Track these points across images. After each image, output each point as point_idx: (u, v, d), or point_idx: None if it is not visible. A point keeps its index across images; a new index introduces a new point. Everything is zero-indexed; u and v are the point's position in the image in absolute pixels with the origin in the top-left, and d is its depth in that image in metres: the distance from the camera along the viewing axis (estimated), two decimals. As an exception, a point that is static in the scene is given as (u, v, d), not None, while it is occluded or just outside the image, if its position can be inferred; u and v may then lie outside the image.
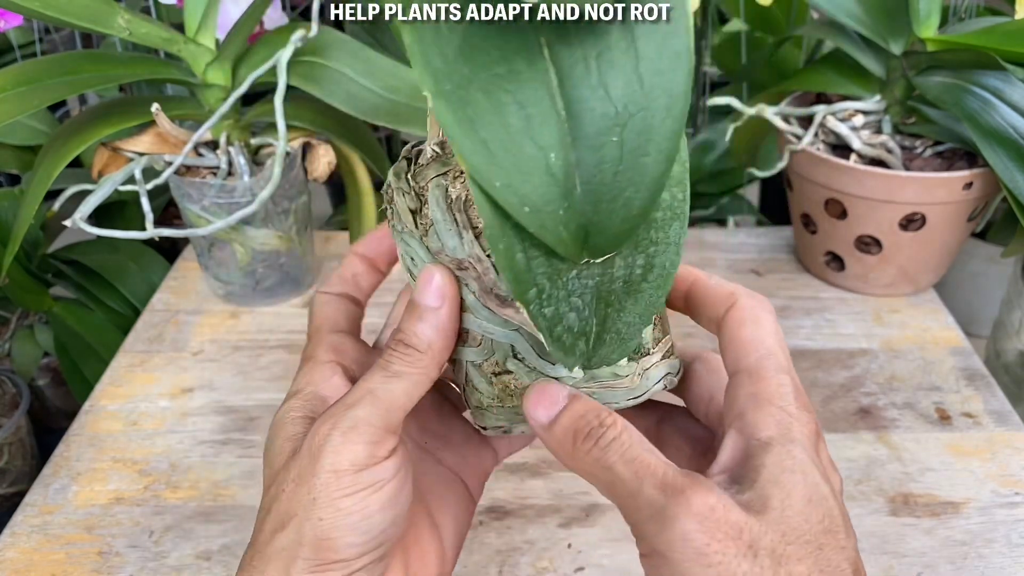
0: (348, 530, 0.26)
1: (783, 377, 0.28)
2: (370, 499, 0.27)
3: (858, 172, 0.62)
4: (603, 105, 0.23)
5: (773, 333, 0.29)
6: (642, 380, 0.30)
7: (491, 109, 0.22)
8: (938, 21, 0.62)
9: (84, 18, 0.55)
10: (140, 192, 0.59)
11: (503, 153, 0.22)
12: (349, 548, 0.27)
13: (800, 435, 0.27)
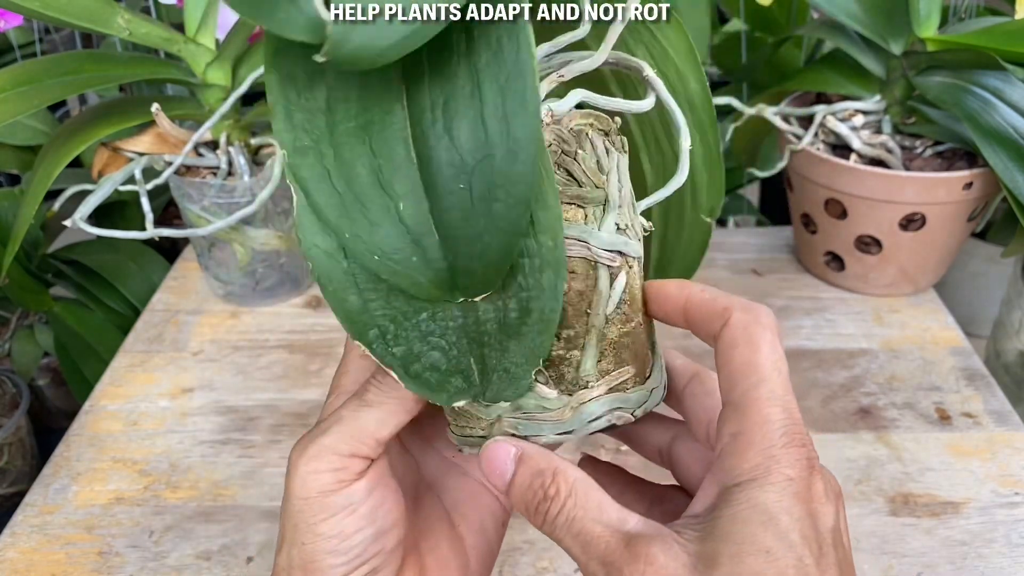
0: (328, 553, 0.27)
1: (772, 410, 0.26)
2: (344, 522, 0.27)
3: (858, 172, 0.62)
4: (449, 154, 0.23)
5: (769, 353, 0.27)
6: (575, 415, 0.28)
7: (346, 161, 0.23)
8: (938, 21, 0.62)
9: (84, 18, 0.55)
10: (140, 192, 0.59)
11: (354, 204, 0.23)
12: (334, 569, 0.28)
13: (779, 478, 0.25)
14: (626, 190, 0.30)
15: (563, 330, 0.28)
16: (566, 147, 0.29)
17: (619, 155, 0.30)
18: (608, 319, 0.29)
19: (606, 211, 0.29)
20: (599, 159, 0.29)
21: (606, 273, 0.28)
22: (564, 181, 0.28)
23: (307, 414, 0.58)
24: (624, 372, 0.29)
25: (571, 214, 0.28)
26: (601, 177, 0.29)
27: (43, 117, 0.76)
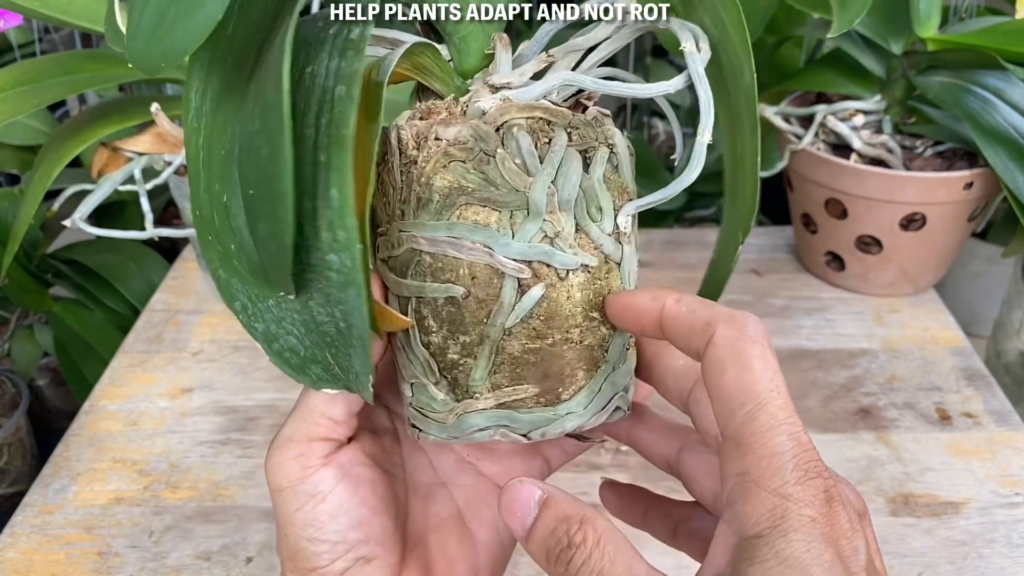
0: (308, 541, 0.28)
1: (777, 440, 0.23)
2: (316, 510, 0.28)
3: (858, 172, 0.62)
4: (232, 148, 0.24)
5: (763, 372, 0.24)
6: (458, 421, 0.28)
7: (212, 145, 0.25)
8: (938, 21, 0.62)
9: (84, 18, 0.55)
10: (140, 192, 0.59)
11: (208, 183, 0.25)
12: (318, 556, 0.28)
13: (799, 521, 0.22)
14: (567, 194, 0.27)
15: (460, 335, 0.28)
16: (483, 145, 0.27)
17: (569, 155, 0.28)
18: (509, 332, 0.27)
19: (527, 218, 0.27)
20: (524, 160, 0.27)
21: (512, 284, 0.27)
22: (479, 183, 0.27)
23: (307, 414, 0.58)
24: (520, 391, 0.28)
25: (482, 217, 0.27)
26: (525, 180, 0.27)
27: (43, 117, 0.76)
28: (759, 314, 0.67)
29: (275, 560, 0.47)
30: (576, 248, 0.27)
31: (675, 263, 0.74)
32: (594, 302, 0.28)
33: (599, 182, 0.28)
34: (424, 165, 0.28)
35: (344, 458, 0.29)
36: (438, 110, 0.29)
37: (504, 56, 0.30)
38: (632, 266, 0.29)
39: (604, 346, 0.29)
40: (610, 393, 0.30)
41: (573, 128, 0.28)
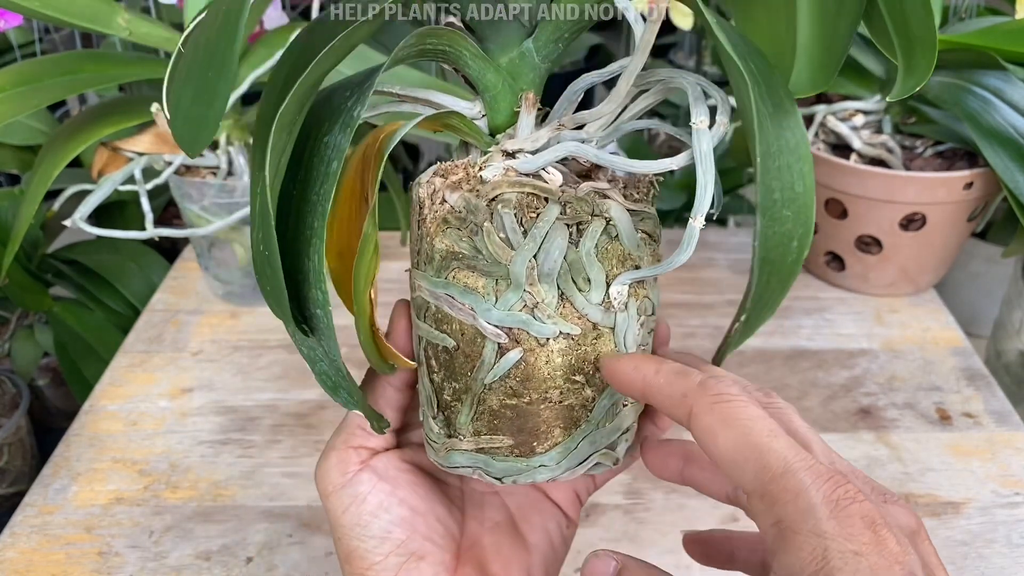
0: (358, 540, 0.31)
1: (797, 478, 0.23)
2: (360, 510, 0.31)
3: (858, 172, 0.62)
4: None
5: (752, 420, 0.24)
6: (446, 455, 0.31)
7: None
8: (938, 21, 0.62)
9: (84, 18, 0.55)
10: (140, 192, 0.59)
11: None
12: (369, 553, 0.31)
13: (842, 559, 0.21)
14: (548, 268, 0.28)
15: (452, 381, 0.30)
16: (473, 217, 0.29)
17: (555, 229, 0.28)
18: (489, 387, 0.30)
19: (508, 287, 0.29)
20: (507, 236, 0.28)
21: (492, 346, 0.29)
22: (470, 250, 0.29)
23: (307, 414, 0.58)
24: (496, 440, 0.30)
25: (471, 281, 0.29)
26: (508, 253, 0.28)
27: (43, 117, 0.76)
28: (759, 314, 0.67)
29: (275, 560, 0.47)
30: (556, 318, 0.29)
31: (675, 263, 0.74)
32: (577, 366, 0.30)
33: (588, 255, 0.29)
34: (430, 226, 0.30)
35: (380, 463, 0.32)
36: (455, 170, 0.30)
37: (527, 119, 0.31)
38: (630, 330, 0.30)
39: (588, 407, 0.31)
40: (588, 451, 0.31)
41: (565, 203, 0.29)
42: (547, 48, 0.30)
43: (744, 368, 0.61)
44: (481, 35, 0.30)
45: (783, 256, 0.28)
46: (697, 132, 0.27)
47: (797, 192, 0.28)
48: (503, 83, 0.30)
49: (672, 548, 0.48)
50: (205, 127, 0.26)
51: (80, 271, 0.77)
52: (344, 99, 0.27)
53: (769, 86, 0.27)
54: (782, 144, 0.27)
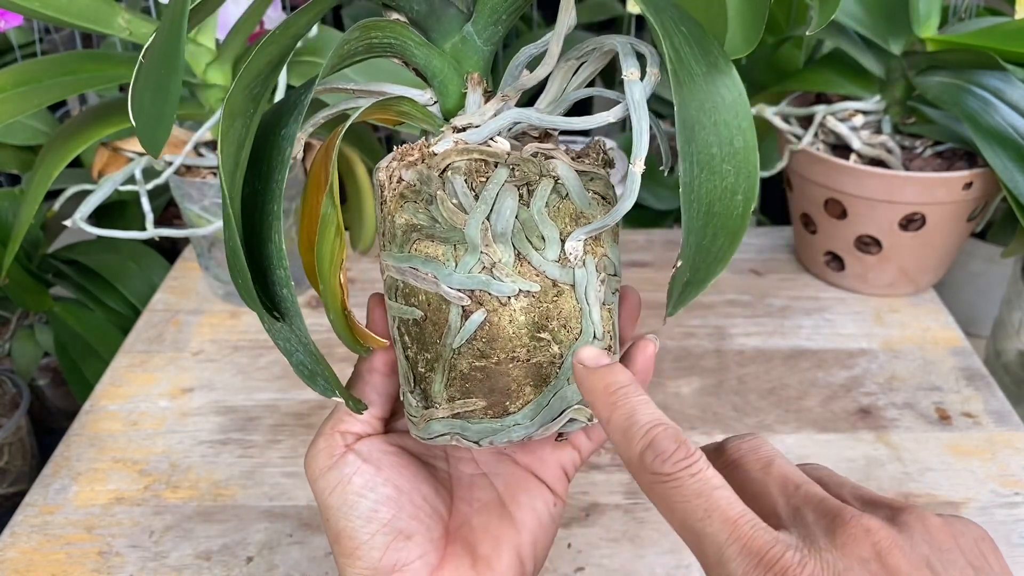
0: (345, 519, 0.32)
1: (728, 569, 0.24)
2: (346, 491, 0.32)
3: (858, 172, 0.62)
4: None
5: (686, 501, 0.25)
6: (426, 426, 0.32)
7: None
8: (938, 21, 0.62)
9: (84, 18, 0.55)
10: (140, 192, 0.59)
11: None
12: (357, 532, 0.32)
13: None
14: (501, 227, 0.29)
15: (424, 352, 0.31)
16: (427, 188, 0.30)
17: (505, 191, 0.30)
18: (458, 352, 0.31)
19: (466, 251, 0.30)
20: (459, 201, 0.30)
21: (457, 310, 0.30)
22: (427, 220, 0.30)
23: (307, 414, 0.58)
24: (470, 403, 0.31)
25: (431, 250, 0.30)
26: (462, 217, 0.29)
27: (43, 117, 0.76)
28: (759, 314, 0.67)
29: (275, 560, 0.47)
30: (515, 276, 0.30)
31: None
32: (541, 323, 0.30)
33: (539, 213, 0.30)
34: (390, 204, 0.31)
35: (364, 446, 0.33)
36: (410, 151, 0.32)
37: (473, 97, 0.32)
38: (591, 286, 0.31)
39: (556, 363, 0.31)
40: (560, 406, 0.32)
41: (512, 165, 0.30)
42: (487, 31, 0.32)
43: (744, 368, 0.61)
44: (424, 25, 0.32)
45: (729, 209, 0.29)
46: (629, 83, 0.28)
47: (736, 147, 0.29)
48: (449, 67, 0.32)
49: (672, 548, 0.48)
50: (161, 124, 0.28)
51: (80, 271, 0.77)
52: (298, 95, 0.29)
53: (703, 48, 0.28)
54: (717, 101, 0.28)
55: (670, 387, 0.60)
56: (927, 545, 0.24)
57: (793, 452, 0.54)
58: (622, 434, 0.27)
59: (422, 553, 0.32)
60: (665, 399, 0.58)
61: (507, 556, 0.34)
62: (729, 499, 0.25)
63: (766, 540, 0.24)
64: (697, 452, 0.26)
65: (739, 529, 0.24)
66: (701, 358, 0.62)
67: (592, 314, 0.31)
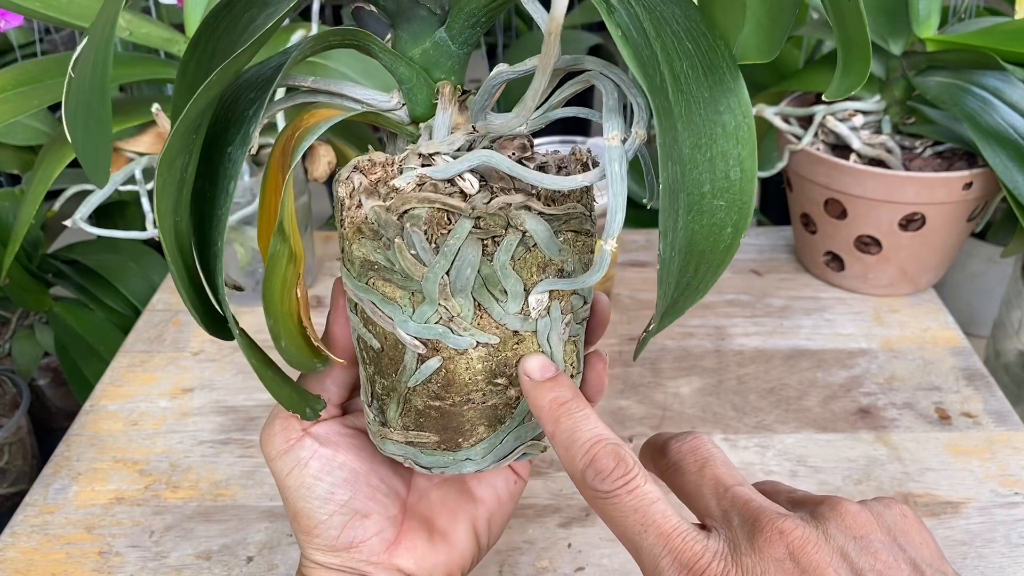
0: (304, 500, 0.33)
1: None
2: (303, 473, 0.33)
3: (858, 172, 0.62)
4: None
5: (625, 516, 0.27)
6: (381, 442, 0.33)
7: None
8: (938, 21, 0.62)
9: (84, 18, 0.55)
10: (140, 192, 0.59)
11: None
12: (314, 512, 0.33)
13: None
14: (461, 284, 0.28)
15: (381, 377, 0.31)
16: (384, 232, 0.28)
17: (468, 244, 0.28)
18: (413, 390, 0.30)
19: (423, 301, 0.29)
20: (417, 253, 0.28)
21: (412, 354, 0.30)
22: (384, 262, 0.29)
23: (307, 414, 0.58)
24: (423, 436, 0.31)
25: (389, 291, 0.29)
26: (420, 270, 0.28)
27: (43, 117, 0.76)
28: (759, 314, 0.67)
29: (275, 560, 0.48)
30: (472, 329, 0.29)
31: (675, 263, 0.74)
32: (498, 371, 0.30)
33: (503, 268, 0.28)
34: (347, 230, 0.29)
35: (321, 430, 0.34)
36: (373, 169, 0.30)
37: (443, 116, 0.30)
38: (554, 331, 0.30)
39: (512, 405, 0.31)
40: (513, 444, 0.32)
41: (478, 217, 0.28)
42: (464, 34, 0.29)
43: (744, 368, 0.61)
44: (392, 22, 0.29)
45: (715, 245, 0.27)
46: (609, 150, 0.26)
47: (732, 180, 0.26)
48: (417, 76, 0.29)
49: (672, 548, 0.48)
50: (100, 155, 0.27)
51: (80, 271, 0.78)
52: (248, 103, 0.26)
53: (709, 63, 0.26)
54: (716, 132, 0.26)
55: (670, 387, 0.60)
56: (842, 535, 0.26)
57: (793, 452, 0.54)
58: (565, 450, 0.28)
59: (379, 530, 0.34)
60: (665, 399, 0.59)
61: (463, 529, 0.35)
62: (664, 512, 0.26)
63: (695, 552, 0.26)
64: (635, 468, 0.27)
65: (672, 542, 0.26)
66: (701, 358, 0.62)
67: (554, 355, 0.30)
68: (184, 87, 0.29)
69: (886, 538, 0.26)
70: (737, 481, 0.28)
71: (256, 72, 0.28)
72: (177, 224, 0.27)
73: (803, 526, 0.26)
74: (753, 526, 0.26)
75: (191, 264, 0.28)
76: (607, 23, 0.24)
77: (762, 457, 0.54)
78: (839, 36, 0.26)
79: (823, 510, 0.27)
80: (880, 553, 0.26)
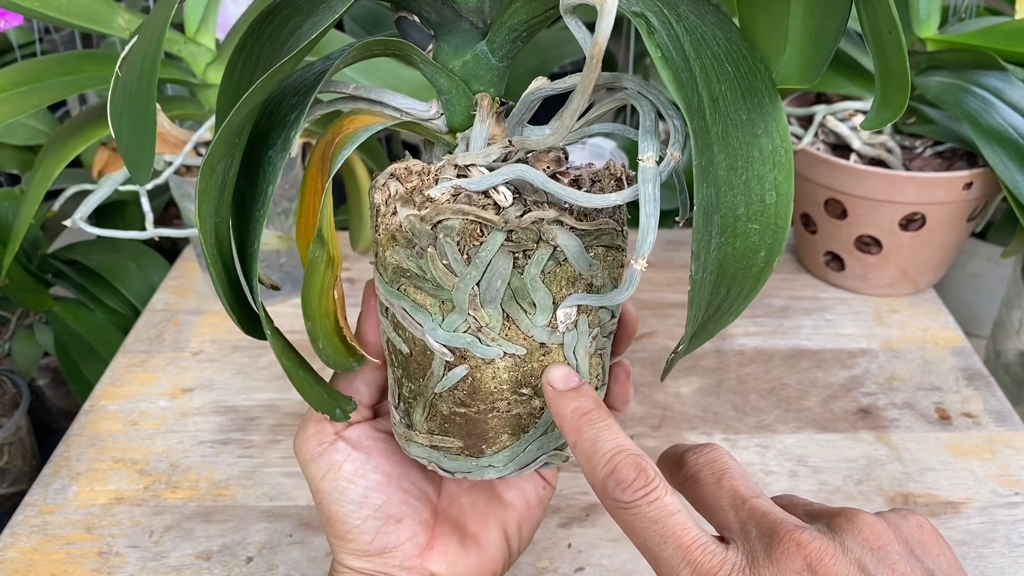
0: (337, 504, 0.33)
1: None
2: (337, 477, 0.33)
3: (858, 172, 0.62)
4: None
5: (644, 528, 0.27)
6: (406, 444, 0.33)
7: None
8: (938, 21, 0.62)
9: (84, 18, 0.55)
10: (140, 192, 0.59)
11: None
12: (348, 517, 0.33)
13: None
14: (491, 296, 0.28)
15: (408, 381, 0.32)
16: (418, 241, 0.29)
17: (499, 257, 0.28)
18: (439, 395, 0.31)
19: (453, 310, 0.29)
20: (449, 263, 0.28)
21: (440, 361, 0.30)
22: (416, 270, 0.29)
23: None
24: (448, 441, 0.32)
25: (420, 298, 0.30)
26: (452, 280, 0.28)
27: (43, 117, 0.76)
28: (759, 314, 0.67)
29: (275, 560, 0.47)
30: (500, 340, 0.29)
31: (675, 263, 0.74)
32: (524, 381, 0.30)
33: (532, 281, 0.29)
34: (381, 236, 0.30)
35: (354, 433, 0.34)
36: (410, 177, 0.30)
37: (479, 128, 0.30)
38: (580, 344, 0.30)
39: (536, 415, 0.31)
40: (536, 453, 0.32)
41: (510, 231, 0.28)
42: (504, 48, 0.29)
43: (744, 368, 0.61)
44: (435, 33, 0.30)
45: (747, 268, 0.27)
46: (643, 171, 0.26)
47: (767, 204, 0.26)
48: (456, 88, 0.30)
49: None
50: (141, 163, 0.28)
51: (80, 271, 0.77)
52: (290, 107, 0.27)
53: (748, 86, 0.26)
54: (753, 155, 0.26)
55: (670, 387, 0.60)
56: (859, 547, 0.26)
57: (793, 452, 0.54)
58: (586, 460, 0.28)
59: (412, 535, 0.34)
60: (665, 399, 0.58)
61: (494, 534, 0.36)
62: (684, 524, 0.27)
63: (714, 564, 0.26)
64: (656, 479, 0.27)
65: (691, 554, 0.26)
66: (701, 358, 0.62)
67: (580, 368, 0.31)
68: (229, 89, 0.29)
69: (903, 549, 0.26)
70: (755, 493, 0.28)
71: (299, 77, 0.28)
72: (218, 226, 0.27)
73: (820, 538, 0.26)
74: (771, 538, 0.26)
75: (230, 265, 0.28)
76: (647, 44, 0.24)
77: (762, 457, 0.54)
78: (878, 67, 0.26)
79: (840, 522, 0.27)
80: (897, 565, 0.25)
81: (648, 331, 0.65)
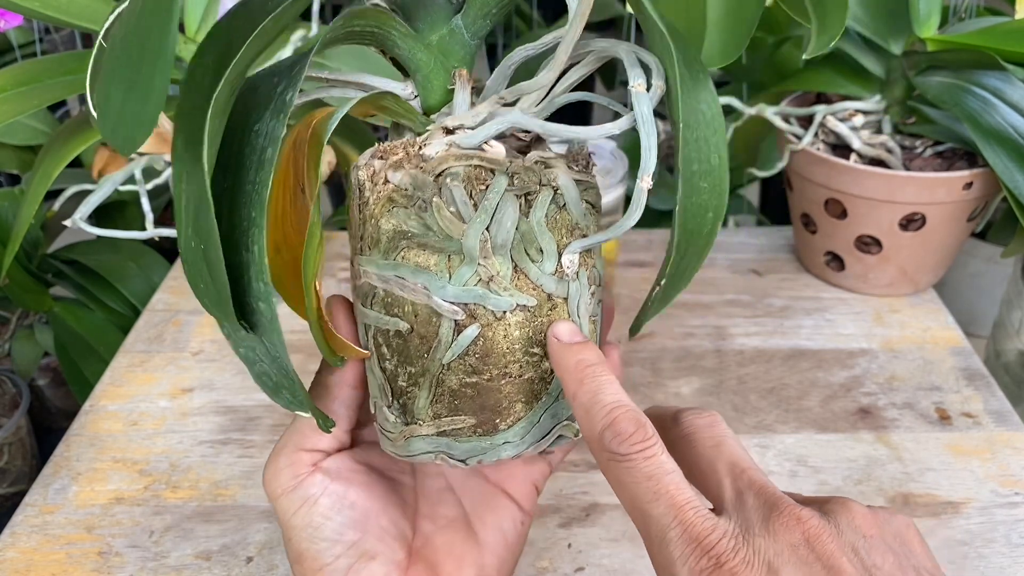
0: (309, 541, 0.31)
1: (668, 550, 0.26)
2: (311, 512, 0.31)
3: (858, 172, 0.62)
4: None
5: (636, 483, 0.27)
6: (406, 444, 0.31)
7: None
8: (938, 21, 0.62)
9: (84, 18, 0.55)
10: (140, 192, 0.59)
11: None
12: (320, 554, 0.31)
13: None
14: (501, 239, 0.28)
15: (407, 365, 0.30)
16: (421, 193, 0.28)
17: (506, 200, 0.28)
18: (448, 367, 0.29)
19: (462, 262, 0.28)
20: (458, 209, 0.28)
21: (449, 324, 0.29)
22: (419, 228, 0.29)
23: (307, 414, 0.58)
24: (458, 421, 0.30)
25: (423, 260, 0.29)
26: (460, 227, 0.28)
27: (43, 117, 0.76)
28: (759, 314, 0.67)
29: (275, 560, 0.47)
30: (512, 290, 0.29)
31: (675, 263, 0.74)
32: (535, 338, 0.30)
33: (539, 224, 0.29)
34: (373, 207, 0.29)
35: (332, 465, 0.32)
36: (395, 150, 0.30)
37: (462, 95, 0.30)
38: (583, 300, 0.30)
39: (546, 379, 0.31)
40: (550, 424, 0.31)
41: (513, 173, 0.28)
42: (476, 24, 0.30)
43: (744, 368, 0.61)
44: (409, 14, 0.30)
45: (699, 227, 0.29)
46: (636, 95, 0.27)
47: (713, 164, 0.28)
48: (434, 61, 0.30)
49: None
50: (141, 125, 0.25)
51: (80, 271, 0.78)
52: (273, 85, 0.26)
53: (686, 58, 0.27)
54: (698, 117, 0.27)
55: (670, 387, 0.60)
56: (852, 532, 0.26)
57: (793, 452, 0.54)
58: (585, 411, 0.28)
59: (384, 574, 0.32)
60: (665, 399, 0.58)
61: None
62: (679, 484, 0.26)
63: (706, 527, 0.25)
64: (654, 437, 0.27)
65: (683, 514, 0.26)
66: (701, 358, 0.62)
67: (583, 328, 0.31)
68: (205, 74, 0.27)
69: (893, 542, 0.26)
70: (753, 465, 0.28)
71: (272, 68, 0.28)
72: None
73: (819, 517, 0.26)
74: (771, 509, 0.26)
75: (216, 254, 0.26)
76: None
77: (762, 457, 0.54)
78: None
79: (833, 507, 0.27)
80: (888, 555, 0.26)
81: (647, 331, 0.65)
